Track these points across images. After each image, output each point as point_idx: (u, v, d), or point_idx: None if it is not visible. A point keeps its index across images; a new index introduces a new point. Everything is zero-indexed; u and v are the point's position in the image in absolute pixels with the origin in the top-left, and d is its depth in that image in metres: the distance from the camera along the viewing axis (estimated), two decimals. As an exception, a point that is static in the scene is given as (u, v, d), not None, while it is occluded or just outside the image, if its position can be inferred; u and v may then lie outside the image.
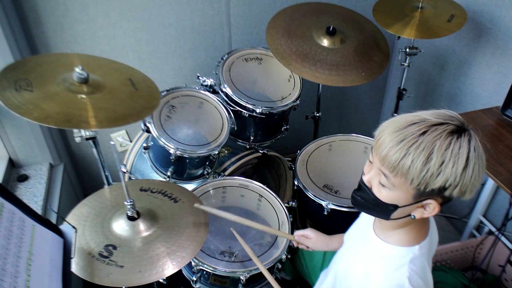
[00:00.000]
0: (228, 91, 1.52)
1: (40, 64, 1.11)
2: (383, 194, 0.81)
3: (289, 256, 1.30)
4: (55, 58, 1.17)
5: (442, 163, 0.72)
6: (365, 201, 0.85)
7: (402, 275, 0.83)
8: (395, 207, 0.81)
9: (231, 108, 1.53)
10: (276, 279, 1.39)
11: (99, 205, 1.09)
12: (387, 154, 0.75)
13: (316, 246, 1.21)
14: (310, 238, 1.21)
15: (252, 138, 1.64)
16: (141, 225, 1.02)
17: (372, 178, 0.82)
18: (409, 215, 0.82)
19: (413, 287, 0.81)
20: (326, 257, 1.33)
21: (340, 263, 1.04)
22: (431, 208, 0.79)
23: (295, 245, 1.25)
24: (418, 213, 0.81)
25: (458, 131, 0.73)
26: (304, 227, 1.67)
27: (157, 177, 1.52)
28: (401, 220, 0.84)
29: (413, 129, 0.74)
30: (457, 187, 0.73)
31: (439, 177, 0.72)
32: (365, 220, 1.01)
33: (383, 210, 0.83)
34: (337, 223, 1.46)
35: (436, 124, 0.73)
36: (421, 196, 0.77)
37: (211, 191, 1.46)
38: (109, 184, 1.37)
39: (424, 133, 0.73)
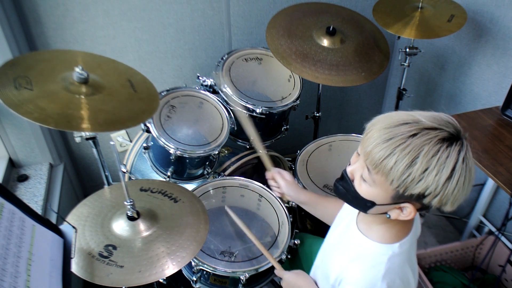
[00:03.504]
0: (228, 91, 1.52)
1: (39, 61, 1.10)
2: (362, 189, 0.80)
3: (289, 256, 1.30)
4: (55, 55, 1.17)
5: (426, 169, 0.69)
6: (346, 191, 0.85)
7: (377, 273, 0.82)
8: (373, 204, 0.80)
9: (231, 108, 1.53)
10: (274, 281, 1.40)
11: (99, 205, 1.09)
12: (372, 150, 0.74)
13: (285, 190, 1.24)
14: (286, 179, 1.24)
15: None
16: (141, 225, 1.02)
17: (356, 170, 0.82)
18: (386, 213, 0.81)
19: (388, 285, 0.81)
20: None
21: (321, 252, 1.06)
22: (408, 211, 0.78)
23: (269, 178, 1.28)
24: (394, 214, 0.80)
25: (450, 139, 0.71)
26: (304, 227, 1.68)
27: (157, 177, 1.52)
28: (381, 216, 0.83)
29: (404, 129, 0.71)
30: (437, 197, 0.71)
31: (419, 183, 0.71)
32: (349, 210, 1.00)
33: (360, 204, 0.83)
34: (337, 223, 1.46)
35: (429, 128, 0.71)
36: (399, 198, 0.76)
37: (211, 191, 1.46)
38: (109, 184, 1.37)
39: (414, 135, 0.70)
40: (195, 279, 1.25)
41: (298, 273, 1.09)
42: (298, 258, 1.42)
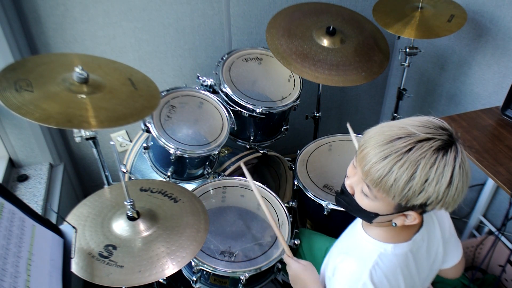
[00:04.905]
0: (228, 91, 1.52)
1: (39, 64, 1.11)
2: (365, 203, 0.82)
3: (289, 256, 1.30)
4: (54, 58, 1.17)
5: (426, 181, 0.71)
6: (348, 204, 0.87)
7: (364, 266, 0.84)
8: (376, 215, 0.82)
9: (231, 108, 1.53)
10: (276, 280, 1.39)
11: (99, 205, 1.09)
12: (370, 170, 0.74)
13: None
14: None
15: (252, 138, 1.64)
16: (141, 225, 1.02)
17: (355, 184, 0.83)
18: (391, 220, 0.83)
19: (372, 282, 0.82)
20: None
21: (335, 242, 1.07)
22: (412, 218, 0.80)
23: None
24: (399, 221, 0.82)
25: (446, 146, 0.72)
26: (304, 227, 1.68)
27: (157, 177, 1.52)
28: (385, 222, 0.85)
29: (399, 145, 0.72)
30: (439, 203, 0.74)
31: (421, 195, 0.72)
32: None
33: (364, 216, 0.85)
34: (337, 223, 1.46)
35: (423, 140, 0.71)
36: (402, 208, 0.78)
37: (211, 191, 1.46)
38: (109, 184, 1.37)
39: (409, 150, 0.71)
40: (195, 279, 1.25)
41: (307, 266, 1.07)
42: (300, 253, 1.42)
